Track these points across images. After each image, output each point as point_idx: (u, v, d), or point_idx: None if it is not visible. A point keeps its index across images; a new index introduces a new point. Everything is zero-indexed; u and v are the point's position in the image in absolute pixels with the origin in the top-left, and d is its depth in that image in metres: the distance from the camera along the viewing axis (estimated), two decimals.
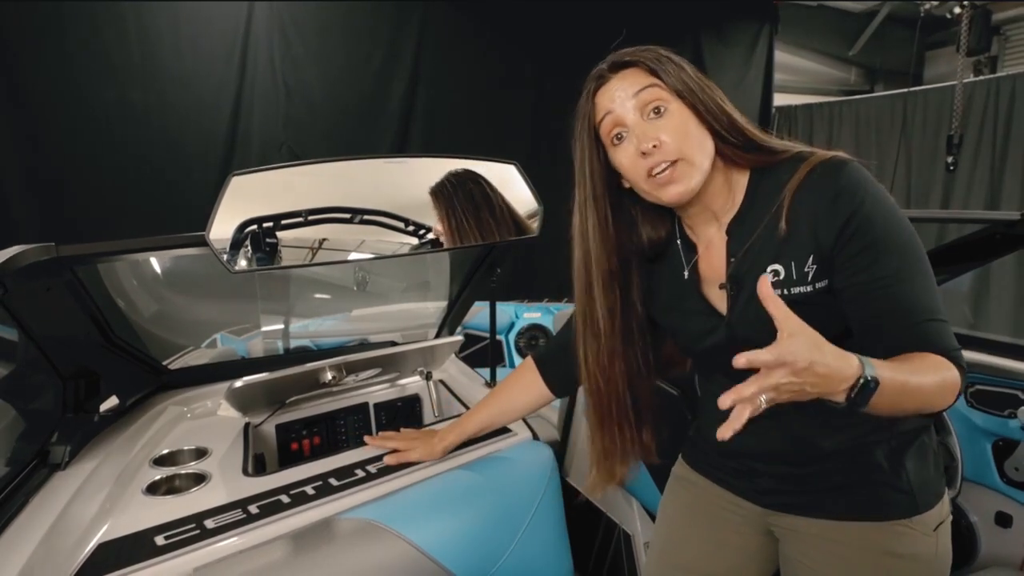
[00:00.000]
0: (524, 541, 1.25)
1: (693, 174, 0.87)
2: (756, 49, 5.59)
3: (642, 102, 0.87)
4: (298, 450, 1.52)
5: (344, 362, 1.49)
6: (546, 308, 3.66)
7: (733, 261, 0.91)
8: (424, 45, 4.18)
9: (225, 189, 1.02)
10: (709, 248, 0.95)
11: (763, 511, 1.02)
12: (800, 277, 0.85)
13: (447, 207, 1.24)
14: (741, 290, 0.90)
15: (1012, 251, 1.64)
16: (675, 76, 0.87)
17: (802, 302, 0.84)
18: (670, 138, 0.86)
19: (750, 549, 1.07)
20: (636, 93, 0.87)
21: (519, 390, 1.27)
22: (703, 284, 0.97)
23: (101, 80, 3.34)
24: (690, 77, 0.88)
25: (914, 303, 0.80)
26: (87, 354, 1.32)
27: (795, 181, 0.84)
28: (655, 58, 0.89)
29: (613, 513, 1.74)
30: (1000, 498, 1.55)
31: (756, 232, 0.88)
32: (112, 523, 1.05)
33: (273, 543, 1.04)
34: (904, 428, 0.93)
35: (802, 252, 0.84)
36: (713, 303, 0.95)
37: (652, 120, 0.87)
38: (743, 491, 1.04)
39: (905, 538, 0.91)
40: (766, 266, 0.86)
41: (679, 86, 0.87)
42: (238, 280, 1.93)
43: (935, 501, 0.93)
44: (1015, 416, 1.46)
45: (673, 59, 0.89)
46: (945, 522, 0.94)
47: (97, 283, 1.38)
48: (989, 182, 4.89)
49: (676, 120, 0.86)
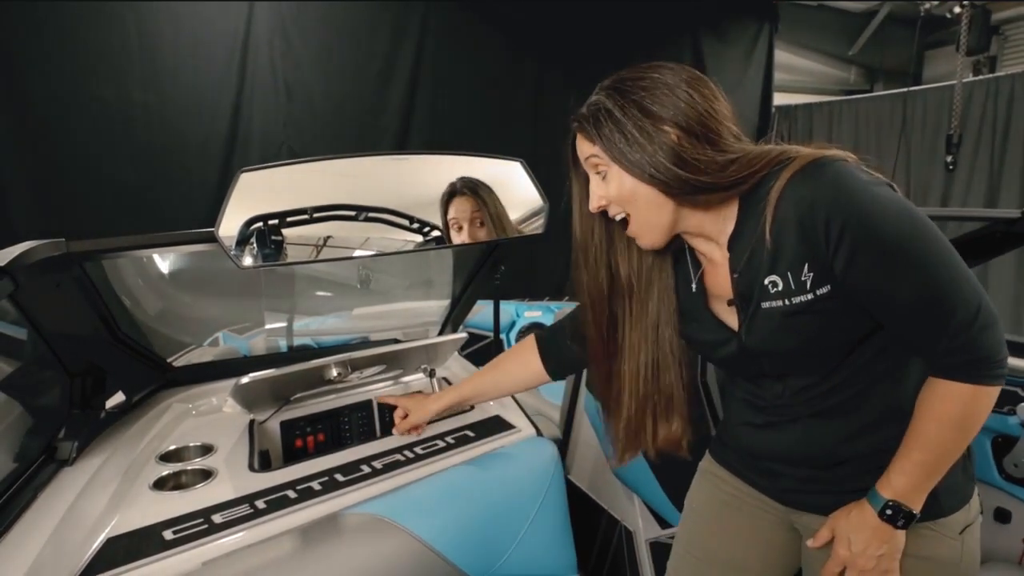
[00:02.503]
0: (528, 536, 1.26)
1: (649, 227, 0.89)
2: (756, 49, 5.60)
3: (591, 165, 0.90)
4: (302, 447, 1.52)
5: (348, 359, 1.50)
6: (547, 307, 3.66)
7: (736, 277, 0.90)
8: (424, 45, 4.18)
9: (234, 185, 1.03)
10: (713, 263, 0.94)
11: (787, 509, 1.02)
12: (799, 286, 0.83)
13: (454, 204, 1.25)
14: (747, 304, 0.89)
15: (1012, 249, 1.65)
16: (613, 140, 0.85)
17: (805, 310, 0.83)
18: (614, 199, 0.89)
19: (775, 544, 1.07)
20: (585, 159, 0.91)
21: (517, 365, 1.28)
22: (711, 300, 0.96)
23: (101, 80, 3.34)
24: (629, 135, 0.84)
25: (922, 289, 0.78)
26: (94, 350, 1.32)
27: (775, 193, 0.81)
28: (594, 118, 0.86)
29: (615, 510, 1.75)
30: (999, 494, 1.56)
31: (751, 246, 0.86)
32: (120, 518, 1.06)
33: (281, 538, 1.05)
34: None
35: (795, 261, 0.82)
36: (723, 318, 0.95)
37: (600, 180, 0.90)
38: (767, 489, 1.04)
39: (929, 541, 0.90)
40: (764, 278, 0.85)
41: (614, 153, 0.85)
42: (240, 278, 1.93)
43: (961, 504, 0.91)
44: (1014, 413, 1.47)
45: (614, 114, 0.85)
46: (972, 526, 0.92)
47: (103, 280, 1.39)
48: (988, 181, 4.90)
49: (617, 180, 0.87)
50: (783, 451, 0.98)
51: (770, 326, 0.86)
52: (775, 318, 0.86)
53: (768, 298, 0.85)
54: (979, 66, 5.68)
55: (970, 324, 0.78)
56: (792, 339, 0.86)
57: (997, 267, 4.57)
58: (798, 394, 0.93)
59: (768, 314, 0.86)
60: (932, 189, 5.20)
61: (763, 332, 0.88)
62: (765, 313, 0.86)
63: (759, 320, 0.88)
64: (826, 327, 0.85)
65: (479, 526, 1.20)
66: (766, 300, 0.86)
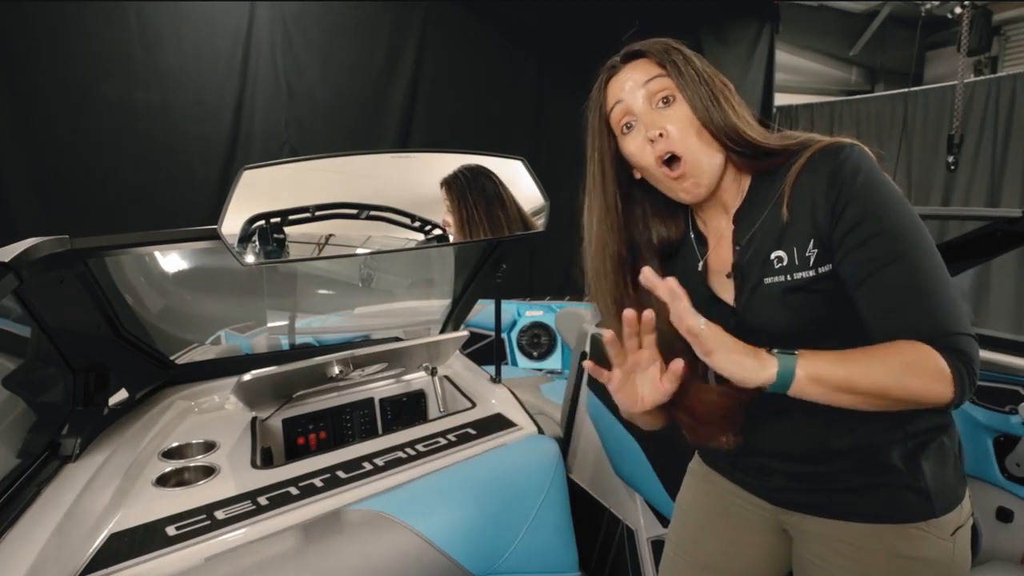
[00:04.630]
0: (529, 534, 1.26)
1: (703, 170, 0.87)
2: (757, 49, 5.59)
3: (650, 91, 0.88)
4: (304, 444, 1.53)
5: (350, 356, 1.50)
6: (548, 306, 3.66)
7: (739, 249, 0.91)
8: (426, 44, 4.19)
9: (237, 183, 1.03)
10: (720, 240, 0.95)
11: (777, 510, 1.02)
12: (802, 262, 0.84)
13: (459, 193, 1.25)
14: (747, 279, 0.90)
15: (1013, 248, 1.65)
16: (683, 70, 0.87)
17: (806, 287, 0.84)
18: (676, 128, 0.87)
19: (764, 547, 1.06)
20: (645, 83, 0.88)
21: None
22: (711, 275, 0.96)
23: (103, 79, 3.34)
24: (699, 72, 0.87)
25: (908, 280, 0.79)
26: (97, 347, 1.33)
27: (796, 167, 0.85)
28: (664, 49, 0.89)
29: (616, 508, 1.75)
30: (1001, 494, 1.56)
31: (760, 220, 0.88)
32: (123, 514, 1.06)
33: (283, 533, 1.06)
34: (919, 428, 0.91)
35: (803, 237, 0.84)
36: (720, 294, 0.95)
37: (660, 109, 0.88)
38: (757, 489, 1.03)
39: (920, 542, 0.89)
40: (770, 253, 0.86)
41: (684, 82, 0.87)
42: (242, 277, 1.94)
43: (953, 505, 0.91)
44: (1016, 412, 1.47)
45: (683, 51, 0.89)
46: (964, 527, 0.91)
47: (106, 277, 1.39)
48: (990, 182, 4.91)
49: (683, 112, 0.87)
50: (775, 446, 0.97)
51: (770, 302, 0.86)
52: (775, 294, 0.86)
53: (771, 273, 0.86)
54: (980, 67, 5.68)
55: (949, 333, 0.76)
56: (790, 316, 0.86)
57: (997, 267, 4.57)
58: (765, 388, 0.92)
59: (769, 290, 0.87)
60: (933, 189, 5.20)
61: (761, 308, 0.88)
62: (766, 289, 0.87)
63: (759, 296, 0.88)
64: (825, 307, 0.85)
65: (481, 523, 1.20)
66: (769, 275, 0.86)
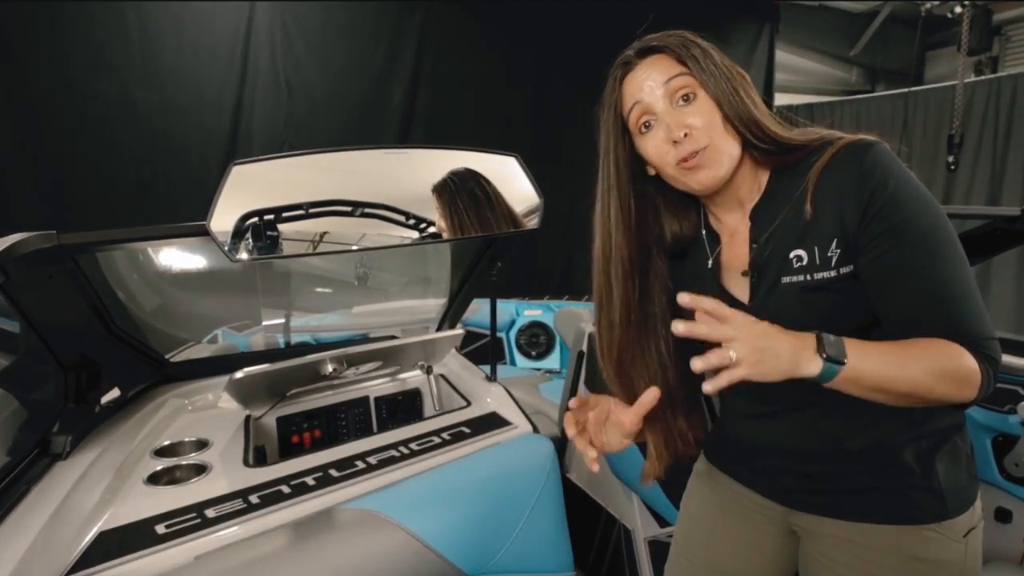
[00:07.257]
0: (524, 533, 1.25)
1: (722, 160, 0.85)
2: (757, 49, 5.59)
3: (671, 90, 0.86)
4: (299, 443, 1.52)
5: (345, 354, 1.49)
6: (547, 306, 3.65)
7: (756, 247, 0.89)
8: (425, 44, 4.19)
9: (226, 178, 1.03)
10: (734, 237, 0.93)
11: (785, 510, 1.00)
12: (824, 262, 0.83)
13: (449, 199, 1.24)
14: (763, 277, 0.88)
15: (1012, 246, 1.64)
16: (703, 65, 0.85)
17: (826, 288, 0.83)
18: (701, 123, 0.84)
19: (772, 548, 1.05)
20: (666, 81, 0.86)
21: None
22: (724, 273, 0.94)
23: (103, 78, 3.34)
24: (718, 66, 0.85)
25: (938, 287, 0.78)
26: (89, 344, 1.32)
27: (820, 164, 0.83)
28: (683, 44, 0.86)
29: (613, 508, 1.74)
30: (1000, 494, 1.55)
31: (780, 217, 0.86)
32: (113, 512, 1.06)
33: (274, 532, 1.05)
34: (933, 428, 0.90)
35: (826, 236, 0.82)
36: (734, 292, 0.93)
37: (681, 107, 0.85)
38: (765, 489, 1.02)
39: (933, 543, 0.88)
40: (789, 251, 0.84)
41: (706, 77, 0.85)
42: (237, 275, 1.93)
43: (966, 506, 0.89)
44: (1015, 412, 1.46)
45: (701, 44, 0.87)
46: (976, 528, 0.90)
47: (98, 275, 1.39)
48: (990, 181, 4.90)
49: (706, 106, 0.85)
50: (786, 444, 0.96)
51: (786, 301, 0.85)
52: (793, 293, 0.85)
53: (790, 272, 0.84)
54: (981, 66, 5.67)
55: (979, 339, 0.77)
56: (807, 316, 0.84)
57: (997, 267, 4.56)
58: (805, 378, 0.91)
59: (787, 289, 0.85)
60: (934, 189, 5.15)
61: (778, 307, 0.86)
62: (784, 288, 0.85)
63: (776, 295, 0.86)
64: (842, 308, 0.83)
65: (474, 522, 1.19)
66: (787, 274, 0.85)
